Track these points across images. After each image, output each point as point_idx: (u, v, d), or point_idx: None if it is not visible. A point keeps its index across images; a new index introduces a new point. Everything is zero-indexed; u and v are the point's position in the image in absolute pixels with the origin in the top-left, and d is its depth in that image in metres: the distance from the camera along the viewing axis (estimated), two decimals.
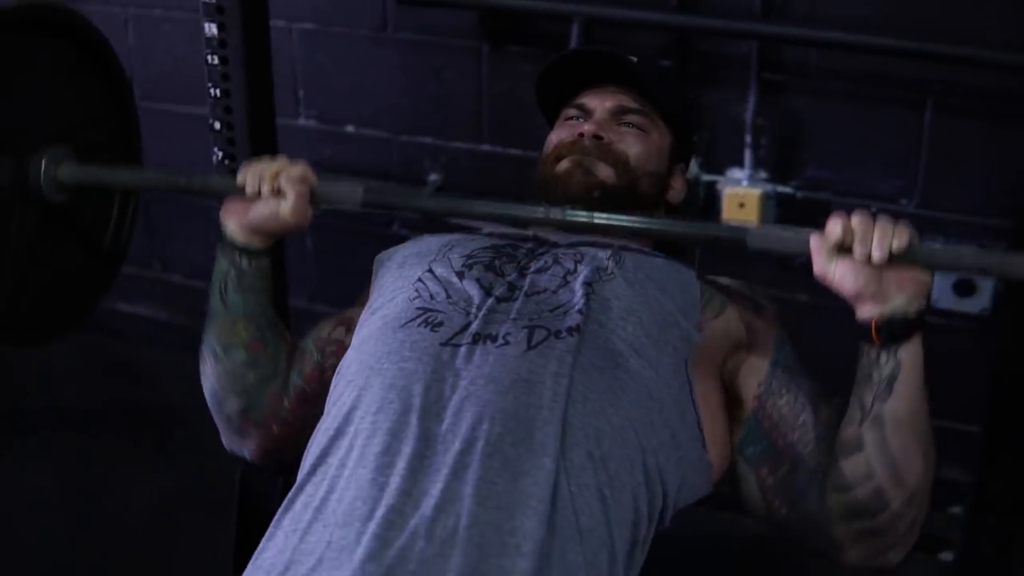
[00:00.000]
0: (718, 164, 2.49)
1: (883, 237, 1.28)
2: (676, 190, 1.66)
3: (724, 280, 1.51)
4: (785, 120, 2.40)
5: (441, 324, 1.32)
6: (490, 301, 1.35)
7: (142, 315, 3.30)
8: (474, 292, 1.36)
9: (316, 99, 2.83)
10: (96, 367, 3.23)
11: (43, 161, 1.59)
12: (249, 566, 1.25)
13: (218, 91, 1.98)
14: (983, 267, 1.33)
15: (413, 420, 1.23)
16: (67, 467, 2.78)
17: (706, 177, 2.49)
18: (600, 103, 1.61)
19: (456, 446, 1.20)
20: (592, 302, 1.34)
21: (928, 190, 2.36)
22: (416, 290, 1.39)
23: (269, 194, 1.49)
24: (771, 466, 1.39)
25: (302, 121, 2.86)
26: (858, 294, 1.29)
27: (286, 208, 1.48)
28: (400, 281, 1.44)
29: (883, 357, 1.30)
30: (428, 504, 1.17)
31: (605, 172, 1.55)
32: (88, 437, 2.91)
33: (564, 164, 1.57)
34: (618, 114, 1.60)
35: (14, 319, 1.61)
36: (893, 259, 1.28)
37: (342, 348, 1.48)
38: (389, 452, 1.21)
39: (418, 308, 1.36)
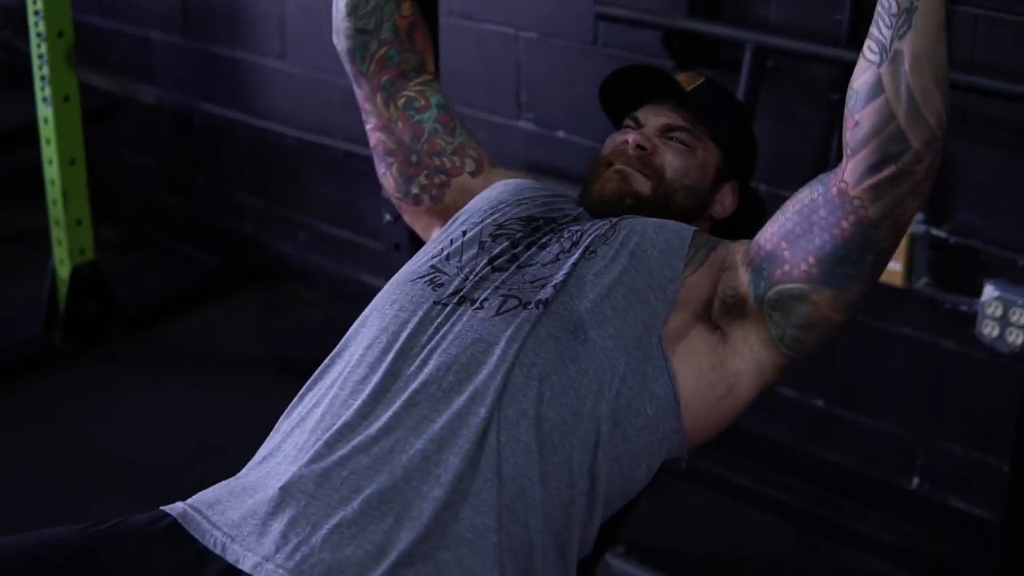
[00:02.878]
0: None
1: None
2: (722, 205, 1.77)
3: None
4: (942, 162, 2.42)
5: (442, 285, 1.53)
6: (486, 269, 1.55)
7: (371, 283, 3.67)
8: (482, 261, 1.56)
9: (535, 104, 3.11)
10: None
11: None
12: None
13: None
14: None
15: (390, 358, 1.45)
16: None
17: None
18: (653, 118, 1.75)
19: (414, 385, 1.42)
20: (571, 279, 1.51)
21: None
22: (441, 248, 1.62)
23: None
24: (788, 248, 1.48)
25: (522, 123, 3.14)
26: None
27: None
28: (444, 234, 1.68)
29: None
30: (376, 426, 1.39)
31: (642, 184, 1.69)
32: None
33: (609, 171, 1.71)
34: (666, 131, 1.73)
35: None
36: None
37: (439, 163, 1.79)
38: (364, 381, 1.44)
39: (431, 267, 1.58)
